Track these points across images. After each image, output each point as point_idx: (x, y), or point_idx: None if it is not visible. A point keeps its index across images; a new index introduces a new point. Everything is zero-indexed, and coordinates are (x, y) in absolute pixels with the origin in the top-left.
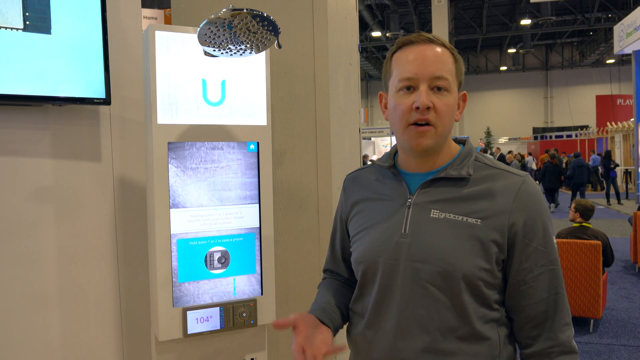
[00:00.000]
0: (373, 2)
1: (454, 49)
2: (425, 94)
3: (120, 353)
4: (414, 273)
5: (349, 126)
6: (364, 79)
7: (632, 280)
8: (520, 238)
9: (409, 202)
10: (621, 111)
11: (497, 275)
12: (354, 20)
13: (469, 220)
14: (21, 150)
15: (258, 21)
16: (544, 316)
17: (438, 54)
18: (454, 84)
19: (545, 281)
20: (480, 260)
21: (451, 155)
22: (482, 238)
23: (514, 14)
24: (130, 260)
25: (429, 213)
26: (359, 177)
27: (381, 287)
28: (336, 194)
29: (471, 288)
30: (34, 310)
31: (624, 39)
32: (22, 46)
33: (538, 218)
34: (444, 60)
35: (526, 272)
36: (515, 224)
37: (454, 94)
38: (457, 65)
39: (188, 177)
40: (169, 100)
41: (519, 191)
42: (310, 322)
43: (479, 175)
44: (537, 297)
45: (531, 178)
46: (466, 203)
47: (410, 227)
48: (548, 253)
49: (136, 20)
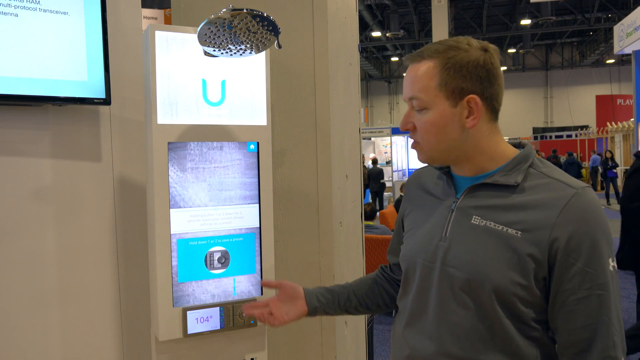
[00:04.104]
0: (373, 2)
1: (448, 53)
2: (404, 117)
3: (120, 353)
4: (448, 278)
5: (349, 126)
6: (364, 79)
7: (632, 280)
8: (563, 256)
9: (454, 205)
10: (621, 111)
11: (536, 293)
12: (354, 21)
13: (509, 231)
14: (21, 150)
15: (258, 21)
16: (585, 344)
17: (413, 74)
18: (437, 96)
19: (588, 307)
20: (514, 275)
21: (504, 160)
22: (519, 251)
23: (514, 14)
24: (130, 260)
25: (470, 219)
26: (420, 176)
27: (419, 288)
28: (336, 193)
29: (504, 302)
30: (34, 310)
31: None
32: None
33: (586, 236)
34: (417, 79)
35: (567, 294)
36: (557, 239)
37: (437, 108)
38: (447, 73)
39: (188, 177)
40: (169, 100)
41: (567, 204)
42: (292, 292)
43: (530, 184)
44: (578, 322)
45: (590, 191)
46: (510, 212)
47: (451, 231)
48: (596, 276)
49: (136, 20)
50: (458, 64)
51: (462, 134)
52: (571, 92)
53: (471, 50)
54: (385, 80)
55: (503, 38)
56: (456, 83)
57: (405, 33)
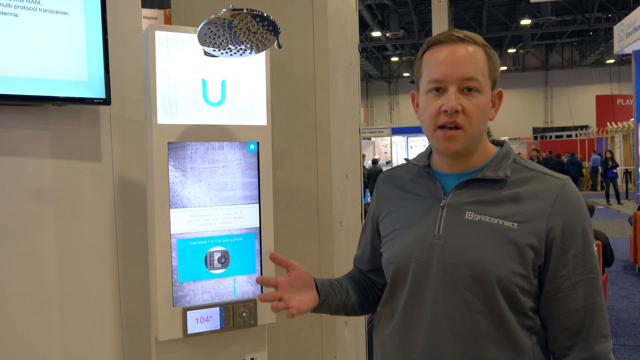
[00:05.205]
0: (373, 2)
1: (487, 45)
2: (453, 96)
3: (120, 353)
4: (447, 276)
5: (349, 126)
6: (364, 79)
7: (632, 280)
8: (558, 244)
9: (443, 203)
10: (621, 111)
11: (533, 282)
12: (354, 21)
13: (505, 224)
14: (21, 150)
15: (258, 21)
16: (579, 326)
17: (468, 53)
18: (487, 83)
19: (582, 290)
20: (515, 265)
21: (488, 156)
22: (518, 242)
23: (514, 14)
24: (130, 260)
25: (463, 215)
26: (393, 176)
27: (412, 289)
28: (336, 194)
29: (506, 293)
30: (34, 310)
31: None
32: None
33: (578, 224)
34: (475, 60)
35: (563, 279)
36: (553, 228)
37: (486, 94)
38: (491, 63)
39: (188, 177)
40: (169, 100)
41: (559, 195)
42: (305, 278)
43: (517, 178)
44: (573, 306)
45: (571, 181)
46: (503, 206)
47: (444, 228)
48: (587, 261)
49: (136, 20)
50: (494, 58)
51: (486, 125)
52: (571, 92)
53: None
54: (385, 80)
55: (503, 38)
56: (495, 75)
57: (405, 33)
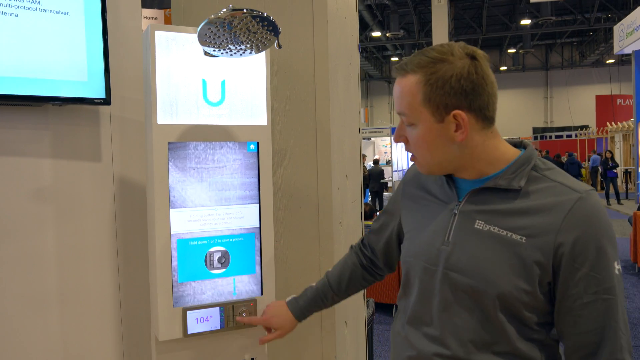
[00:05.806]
0: (373, 2)
1: (429, 68)
2: (397, 129)
3: (120, 353)
4: (451, 282)
5: (349, 126)
6: (364, 79)
7: (632, 280)
8: (568, 261)
9: (456, 209)
10: (621, 111)
11: (540, 298)
12: (354, 21)
13: (513, 237)
14: (21, 150)
15: (258, 21)
16: (592, 347)
17: (400, 88)
18: (421, 112)
19: (595, 311)
20: (520, 281)
21: (504, 162)
22: (524, 258)
23: (514, 14)
24: (130, 260)
25: (473, 223)
26: (420, 174)
27: (421, 290)
28: (336, 193)
29: (508, 308)
30: (34, 310)
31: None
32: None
33: (591, 240)
34: (403, 94)
35: (573, 298)
36: (563, 244)
37: (423, 124)
38: (430, 89)
39: (188, 177)
40: (169, 100)
41: (572, 209)
42: (276, 311)
43: (532, 188)
44: (585, 327)
45: (594, 194)
46: (513, 217)
47: (454, 235)
48: (602, 280)
49: (136, 20)
50: (441, 80)
51: (454, 147)
52: (571, 92)
53: (455, 62)
54: (385, 80)
55: (503, 38)
56: (440, 99)
57: (405, 33)
